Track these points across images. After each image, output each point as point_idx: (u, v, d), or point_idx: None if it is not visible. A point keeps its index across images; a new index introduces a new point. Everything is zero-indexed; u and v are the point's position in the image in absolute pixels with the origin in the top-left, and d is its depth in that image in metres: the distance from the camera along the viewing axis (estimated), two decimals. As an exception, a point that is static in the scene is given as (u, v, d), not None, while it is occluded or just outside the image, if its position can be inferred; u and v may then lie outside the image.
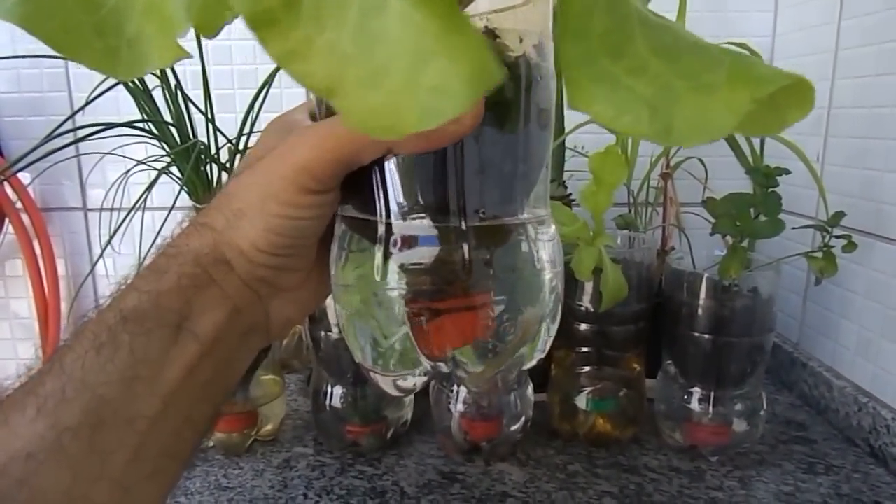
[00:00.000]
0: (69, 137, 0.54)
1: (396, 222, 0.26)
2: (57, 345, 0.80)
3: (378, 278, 0.27)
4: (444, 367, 0.29)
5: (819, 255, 0.54)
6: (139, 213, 0.55)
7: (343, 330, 0.30)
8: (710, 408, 0.55)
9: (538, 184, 0.29)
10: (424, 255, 0.27)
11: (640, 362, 0.59)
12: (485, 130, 0.25)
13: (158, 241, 0.60)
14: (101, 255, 0.53)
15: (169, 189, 0.56)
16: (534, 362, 0.31)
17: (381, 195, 0.27)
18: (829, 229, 0.53)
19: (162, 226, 0.56)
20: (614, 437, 0.58)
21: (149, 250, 0.57)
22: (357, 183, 0.27)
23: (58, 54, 0.22)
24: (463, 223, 0.26)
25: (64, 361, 0.25)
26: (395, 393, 0.30)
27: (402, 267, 0.27)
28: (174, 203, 0.51)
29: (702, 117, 0.19)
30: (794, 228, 0.58)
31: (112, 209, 0.63)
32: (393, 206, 0.26)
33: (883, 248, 0.57)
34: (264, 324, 0.30)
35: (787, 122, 0.21)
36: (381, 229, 0.27)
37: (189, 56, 0.22)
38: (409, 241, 0.27)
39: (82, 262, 0.84)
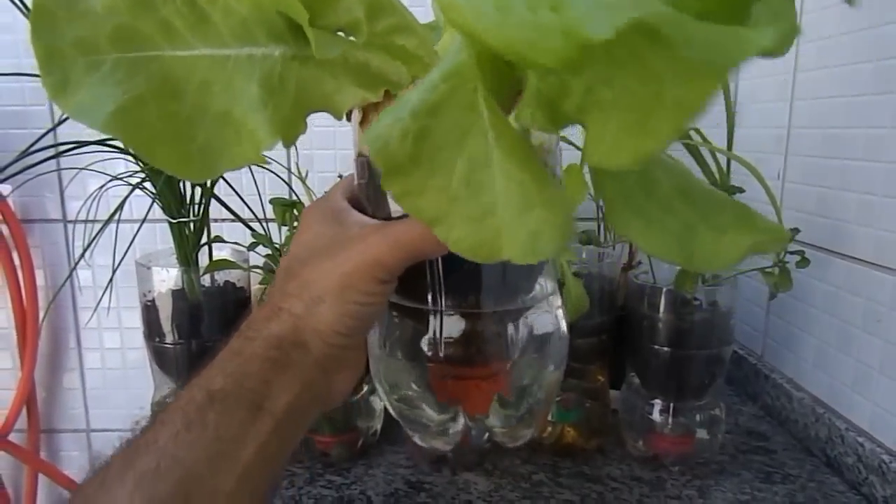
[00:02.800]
0: (49, 151, 0.55)
1: (433, 308, 0.33)
2: (34, 354, 0.80)
3: (412, 352, 0.34)
4: (480, 425, 0.36)
5: (775, 270, 0.56)
6: (117, 225, 0.56)
7: (386, 402, 0.38)
8: (671, 418, 0.56)
9: (543, 271, 0.35)
10: (452, 332, 0.34)
11: (605, 374, 0.60)
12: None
13: (132, 251, 0.61)
14: (74, 266, 0.54)
15: (148, 201, 0.58)
16: (527, 437, 0.39)
17: (430, 286, 0.33)
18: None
19: (134, 236, 0.58)
20: (579, 447, 0.60)
21: (121, 260, 0.59)
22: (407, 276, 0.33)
23: (143, 158, 0.26)
24: (476, 308, 0.33)
25: (158, 438, 0.27)
26: (433, 448, 0.39)
27: (430, 342, 0.34)
28: (146, 216, 0.52)
29: (715, 252, 0.24)
30: (752, 244, 0.60)
31: (90, 221, 0.64)
32: (430, 295, 0.33)
33: (839, 263, 0.59)
34: (325, 396, 0.33)
35: (767, 252, 0.27)
36: (420, 315, 0.34)
37: (265, 161, 0.26)
38: (442, 323, 0.34)
39: (61, 273, 0.85)
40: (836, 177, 0.60)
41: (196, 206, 0.57)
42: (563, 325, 0.37)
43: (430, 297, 0.33)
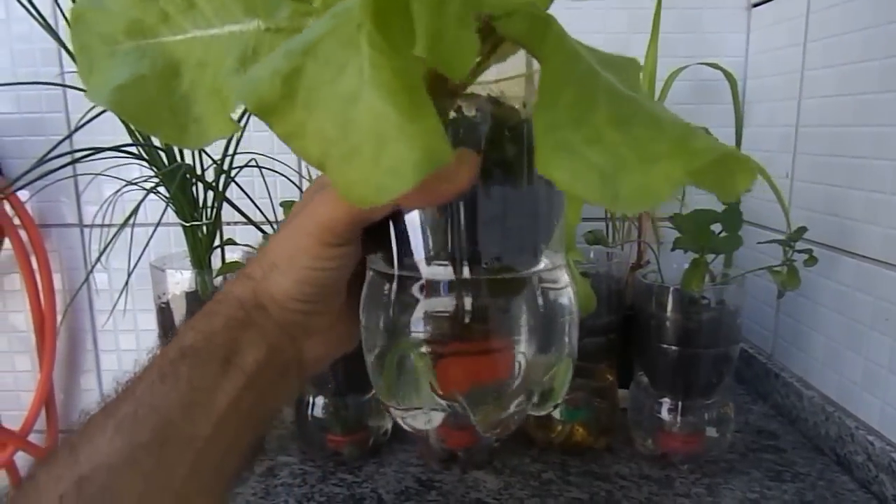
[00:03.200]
0: (66, 158, 0.56)
1: (410, 273, 0.30)
2: (52, 356, 0.82)
3: (394, 323, 0.30)
4: (458, 408, 0.32)
5: (783, 268, 0.56)
6: (132, 229, 0.57)
7: (369, 368, 0.34)
8: (680, 417, 0.57)
9: (550, 236, 0.31)
10: (437, 304, 0.30)
11: (613, 373, 0.61)
12: (493, 188, 0.28)
13: (147, 255, 0.62)
14: (91, 270, 0.55)
15: (162, 205, 0.59)
16: (550, 409, 0.33)
17: (399, 248, 0.30)
18: (792, 244, 0.55)
19: (149, 240, 0.59)
20: (588, 445, 0.60)
21: (137, 262, 0.60)
22: (382, 236, 0.30)
23: (144, 131, 0.27)
24: (470, 274, 0.29)
25: (135, 389, 0.29)
26: (409, 429, 0.33)
27: (418, 314, 0.30)
28: (160, 220, 0.53)
29: (643, 186, 0.21)
30: (759, 243, 0.60)
31: (105, 225, 0.65)
32: (408, 259, 0.30)
33: (847, 261, 0.59)
34: (297, 362, 0.33)
35: (738, 188, 0.23)
36: (395, 280, 0.30)
37: (239, 129, 0.26)
38: (426, 290, 0.30)
39: (78, 277, 0.86)
40: (844, 175, 0.60)
41: (209, 210, 0.58)
42: (573, 304, 0.32)
43: (415, 263, 0.30)
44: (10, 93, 0.81)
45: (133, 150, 0.54)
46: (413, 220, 0.29)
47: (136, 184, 0.58)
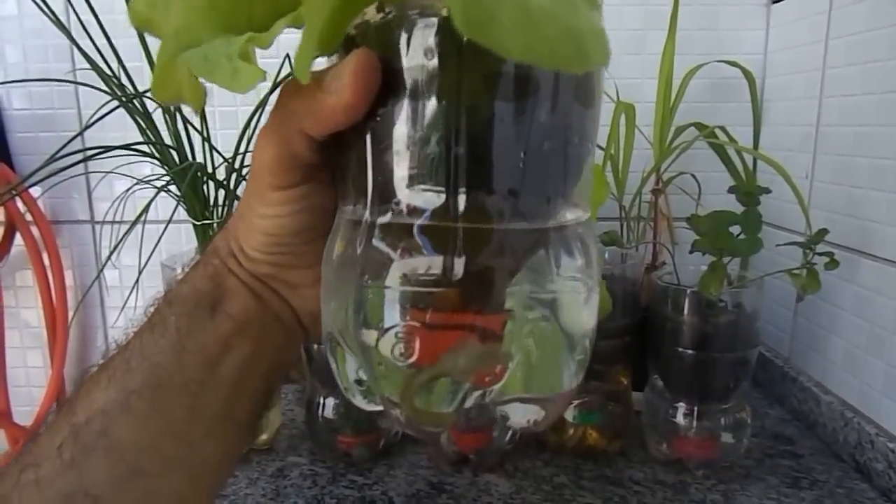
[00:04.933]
0: (78, 155, 0.56)
1: (377, 219, 0.23)
2: (63, 352, 0.82)
3: (352, 278, 0.24)
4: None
5: (802, 272, 0.55)
6: (143, 227, 0.57)
7: (324, 328, 0.28)
8: (695, 422, 0.56)
9: (572, 182, 0.24)
10: (420, 264, 0.22)
11: (627, 376, 0.60)
12: (497, 107, 0.21)
13: (157, 253, 0.62)
14: (103, 266, 0.55)
15: (173, 203, 0.58)
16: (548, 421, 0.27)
17: (359, 186, 0.24)
18: (812, 247, 0.54)
19: (160, 238, 0.59)
20: (601, 449, 0.59)
21: (148, 259, 0.60)
22: (344, 176, 0.25)
23: (204, 78, 0.24)
24: (455, 222, 0.22)
25: (128, 343, 0.30)
26: (364, 407, 0.28)
27: (388, 269, 0.23)
28: (171, 217, 0.53)
29: None
30: (778, 245, 0.59)
31: (117, 222, 0.65)
32: (374, 200, 0.23)
33: (868, 264, 0.58)
34: (291, 314, 0.32)
35: (591, 60, 0.18)
36: (362, 225, 0.24)
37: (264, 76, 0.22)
38: (394, 243, 0.23)
39: (89, 273, 0.86)
40: (865, 176, 0.59)
41: (220, 208, 0.58)
42: (583, 271, 0.25)
43: (401, 209, 0.23)
44: (22, 89, 0.81)
45: (144, 148, 0.54)
46: (366, 147, 0.23)
47: (147, 182, 0.58)
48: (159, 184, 0.55)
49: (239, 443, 0.32)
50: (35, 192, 0.81)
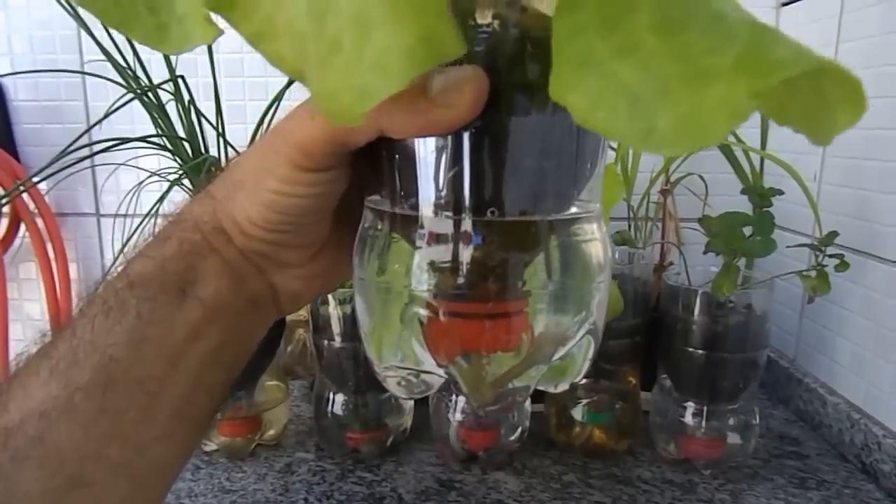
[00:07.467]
0: (86, 149, 0.56)
1: (408, 213, 0.25)
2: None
3: (392, 273, 0.26)
4: (451, 375, 0.27)
5: (812, 273, 0.55)
6: (154, 220, 0.57)
7: (359, 321, 0.29)
8: (704, 422, 0.56)
9: (582, 182, 0.26)
10: (440, 253, 0.25)
11: (636, 375, 0.60)
12: (514, 116, 0.23)
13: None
14: (114, 262, 0.55)
15: (181, 197, 0.58)
16: (565, 386, 0.29)
17: (396, 183, 0.25)
18: (823, 249, 0.54)
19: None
20: (609, 448, 0.60)
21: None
22: (380, 167, 0.26)
23: (113, 28, 0.22)
24: (478, 222, 0.24)
25: (75, 326, 0.25)
26: (399, 393, 0.29)
27: (419, 264, 0.25)
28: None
29: (690, 116, 0.15)
30: (788, 247, 0.60)
31: (124, 215, 0.65)
32: (406, 197, 0.25)
33: (876, 266, 0.58)
34: (271, 296, 0.30)
35: (837, 124, 0.18)
36: (389, 220, 0.26)
37: (222, 31, 0.21)
38: (430, 238, 0.25)
39: (94, 266, 0.86)
40: (875, 178, 0.59)
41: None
42: (594, 264, 0.27)
43: (413, 203, 0.25)
44: (29, 80, 0.80)
45: (156, 140, 0.54)
46: (410, 150, 0.24)
47: (159, 175, 0.58)
48: (171, 177, 0.55)
49: (192, 444, 0.29)
50: (41, 185, 0.81)
